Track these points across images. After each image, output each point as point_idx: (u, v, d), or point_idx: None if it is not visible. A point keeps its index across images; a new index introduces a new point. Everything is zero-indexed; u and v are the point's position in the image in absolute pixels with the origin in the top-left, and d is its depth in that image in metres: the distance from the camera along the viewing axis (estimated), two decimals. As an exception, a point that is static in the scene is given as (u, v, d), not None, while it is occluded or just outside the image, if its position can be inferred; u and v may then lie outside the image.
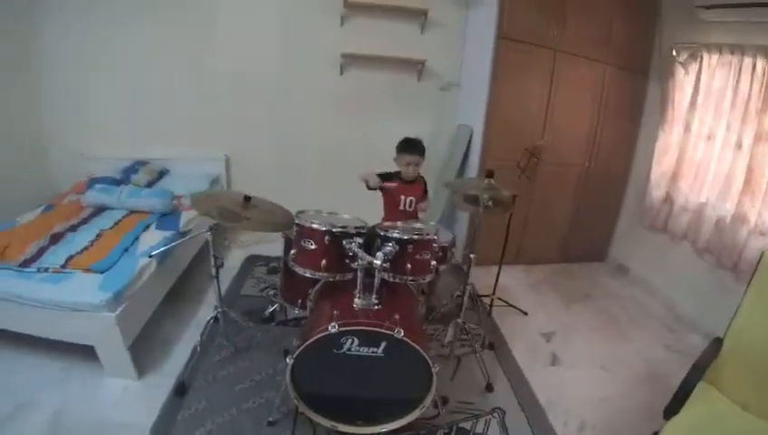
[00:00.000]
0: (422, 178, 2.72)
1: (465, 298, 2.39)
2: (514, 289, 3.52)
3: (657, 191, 3.45)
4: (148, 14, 3.54)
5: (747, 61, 2.71)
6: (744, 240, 2.69)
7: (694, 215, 3.13)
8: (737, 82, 2.79)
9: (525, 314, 3.17)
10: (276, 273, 3.31)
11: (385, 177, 2.58)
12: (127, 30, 3.56)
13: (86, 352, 2.18)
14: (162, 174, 3.74)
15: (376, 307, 1.87)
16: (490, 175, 2.31)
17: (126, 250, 2.45)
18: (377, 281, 1.88)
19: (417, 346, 1.72)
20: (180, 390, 2.11)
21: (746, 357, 1.81)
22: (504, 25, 3.25)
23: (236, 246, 3.86)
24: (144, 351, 2.34)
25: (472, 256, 2.31)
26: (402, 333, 1.69)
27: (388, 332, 1.70)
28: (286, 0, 3.69)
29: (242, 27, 3.70)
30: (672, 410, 1.70)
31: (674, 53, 3.22)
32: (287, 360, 1.76)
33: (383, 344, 1.73)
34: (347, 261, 1.93)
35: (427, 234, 2.00)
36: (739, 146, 2.77)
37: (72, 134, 3.76)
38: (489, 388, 2.34)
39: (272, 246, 3.36)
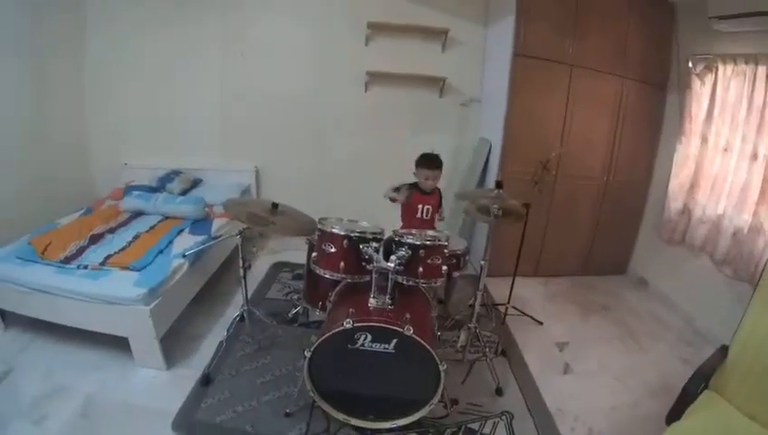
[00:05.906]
0: (438, 189, 2.85)
1: (477, 304, 2.46)
2: (532, 300, 3.54)
3: (674, 204, 3.43)
4: (187, 35, 3.86)
5: (761, 70, 2.71)
6: (761, 251, 2.66)
7: (711, 227, 3.11)
8: (752, 91, 2.78)
9: (540, 323, 3.20)
10: (300, 279, 3.44)
11: (402, 188, 2.71)
12: (167, 49, 3.87)
13: (119, 345, 2.36)
14: (196, 183, 3.99)
15: (389, 307, 1.98)
16: (499, 186, 2.39)
17: (161, 252, 2.65)
18: (390, 283, 2.01)
19: (425, 344, 1.82)
20: (205, 381, 2.27)
21: (752, 365, 1.78)
22: (521, 43, 3.34)
23: (264, 253, 4.05)
24: (174, 344, 2.52)
25: (483, 262, 2.39)
26: (411, 331, 1.79)
27: (397, 328, 1.80)
28: (315, 21, 3.91)
29: (272, 47, 3.95)
30: (674, 415, 1.72)
31: (690, 64, 3.23)
32: (305, 353, 1.88)
33: (394, 341, 1.84)
34: (363, 264, 2.07)
35: (439, 240, 2.11)
36: (755, 156, 2.76)
37: (114, 145, 4.09)
38: (499, 392, 2.40)
39: (297, 253, 3.52)
